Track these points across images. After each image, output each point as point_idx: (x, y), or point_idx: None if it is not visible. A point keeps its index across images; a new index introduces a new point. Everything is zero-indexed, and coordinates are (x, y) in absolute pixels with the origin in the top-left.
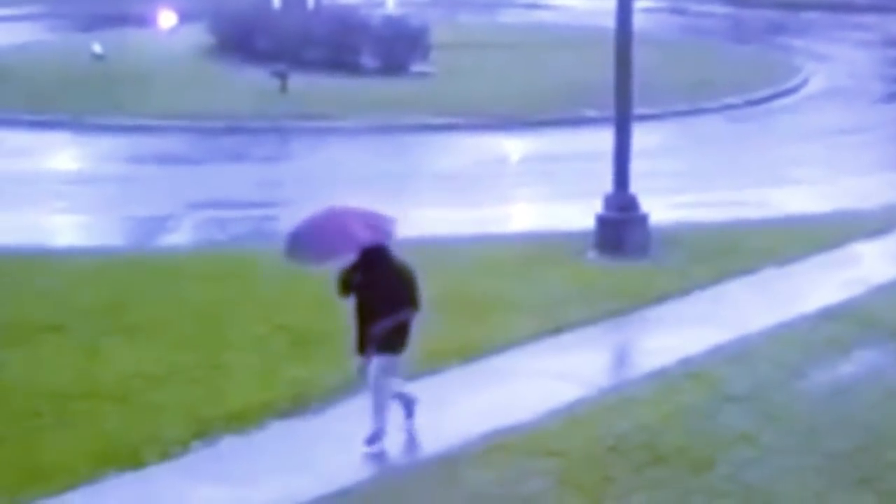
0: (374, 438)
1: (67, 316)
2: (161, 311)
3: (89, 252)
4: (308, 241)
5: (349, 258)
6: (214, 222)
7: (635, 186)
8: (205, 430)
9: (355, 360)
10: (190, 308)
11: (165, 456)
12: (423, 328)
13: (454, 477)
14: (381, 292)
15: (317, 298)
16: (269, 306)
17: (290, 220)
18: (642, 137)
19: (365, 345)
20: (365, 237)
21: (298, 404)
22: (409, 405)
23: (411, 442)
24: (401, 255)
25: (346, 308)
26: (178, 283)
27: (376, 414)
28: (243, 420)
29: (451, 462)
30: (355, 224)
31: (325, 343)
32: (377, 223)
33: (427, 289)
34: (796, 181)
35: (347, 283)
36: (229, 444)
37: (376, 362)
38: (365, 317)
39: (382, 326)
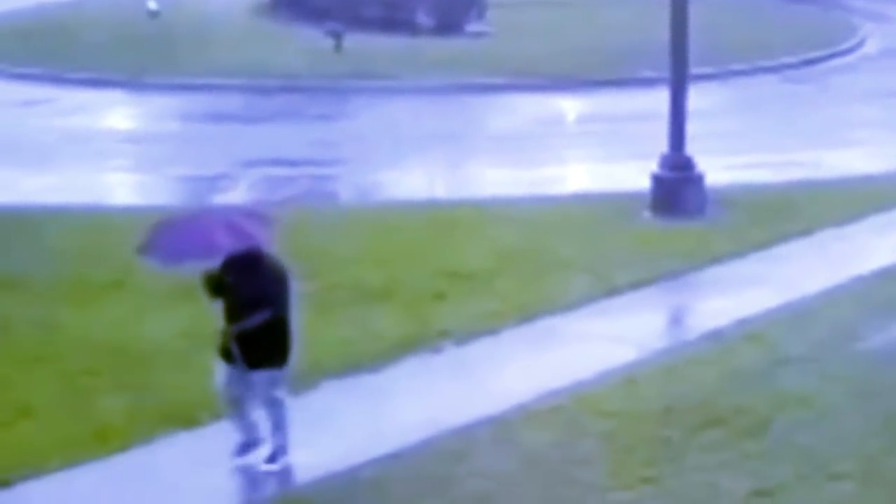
0: (275, 456)
1: (125, 274)
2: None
3: (145, 210)
4: (163, 242)
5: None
6: (269, 181)
7: (691, 147)
8: None
9: (218, 369)
10: None
11: (220, 415)
12: (479, 289)
13: (509, 438)
14: (245, 295)
15: (373, 257)
16: (321, 264)
17: (345, 179)
18: (698, 97)
19: (228, 350)
20: (225, 244)
21: (352, 364)
22: (281, 444)
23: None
24: (278, 256)
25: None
26: None
27: (276, 431)
28: (297, 380)
29: (506, 423)
30: (218, 230)
31: (381, 301)
32: (243, 229)
33: (484, 249)
34: (852, 142)
35: (212, 286)
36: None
37: (259, 379)
38: (228, 321)
39: (240, 326)
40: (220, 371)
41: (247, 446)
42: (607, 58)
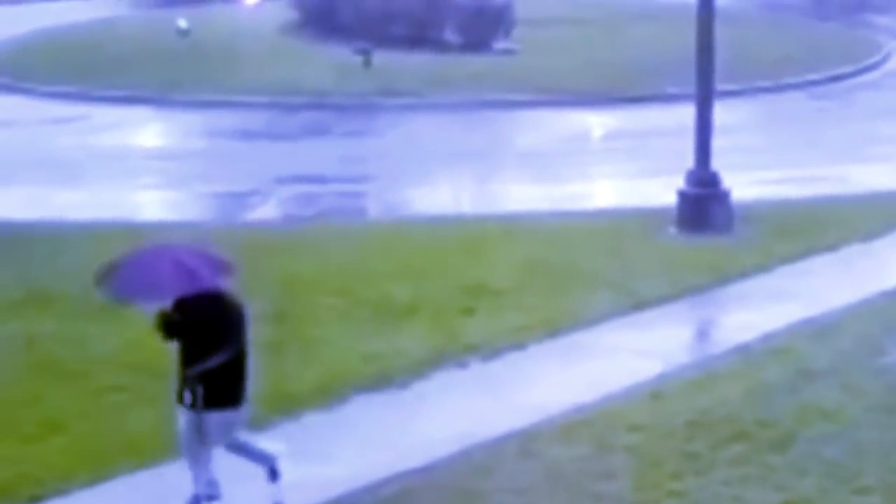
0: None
1: None
2: (245, 286)
3: (176, 227)
4: (116, 278)
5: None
6: (299, 198)
7: (717, 162)
8: (287, 405)
9: (178, 414)
10: (274, 282)
11: (248, 430)
12: (506, 304)
13: (535, 452)
14: (201, 336)
15: (401, 272)
16: (352, 280)
17: (373, 195)
18: (724, 114)
19: (184, 393)
20: (171, 286)
21: (381, 379)
22: (271, 466)
23: None
24: (234, 293)
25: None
26: (263, 257)
27: (260, 460)
28: (325, 394)
29: (533, 437)
30: (165, 270)
31: (409, 317)
32: (193, 270)
33: (511, 265)
34: (878, 158)
35: (165, 327)
36: (311, 418)
37: (216, 422)
38: (184, 362)
39: (196, 370)
40: (179, 416)
41: (197, 500)
42: (633, 74)
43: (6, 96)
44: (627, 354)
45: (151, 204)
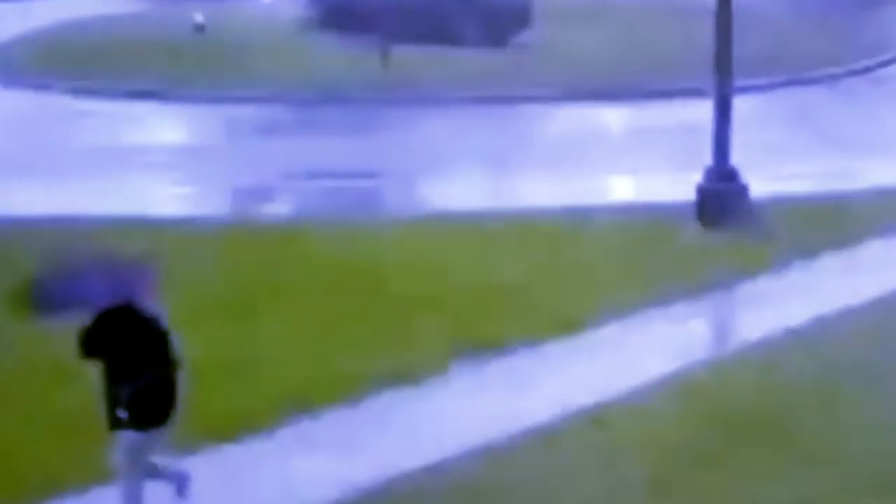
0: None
1: (168, 287)
2: (263, 283)
3: (190, 222)
4: (46, 289)
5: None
6: (315, 193)
7: (736, 158)
8: (304, 402)
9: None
10: (293, 278)
11: (265, 428)
12: (526, 300)
13: (555, 450)
14: (124, 354)
15: (419, 268)
16: (370, 278)
17: (390, 190)
18: (742, 108)
19: (115, 415)
20: (97, 297)
21: (400, 375)
22: (180, 483)
23: None
24: (156, 308)
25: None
26: (281, 253)
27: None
28: (343, 390)
29: (552, 435)
30: (92, 281)
31: (428, 313)
32: (120, 282)
33: (529, 261)
34: None
35: (85, 344)
36: (329, 414)
37: (125, 440)
38: (110, 383)
39: (126, 391)
40: (114, 440)
41: None
42: (652, 69)
43: (21, 91)
44: (646, 350)
45: (167, 199)
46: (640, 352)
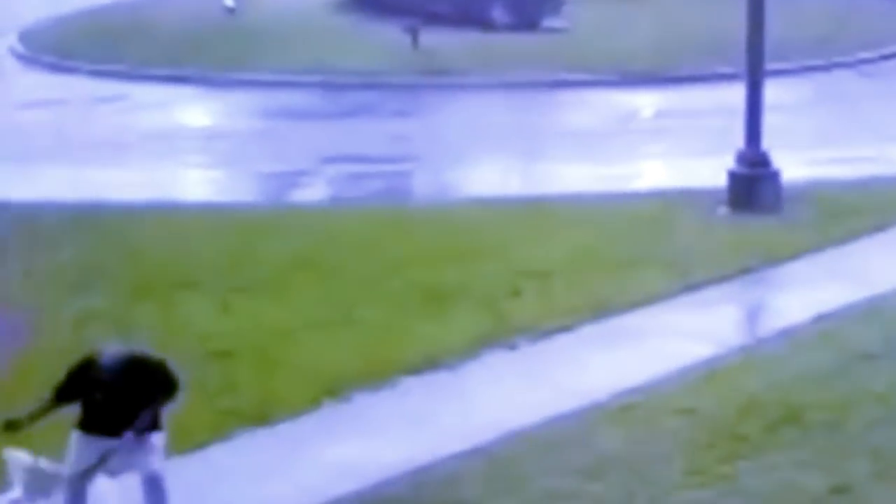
0: None
1: (200, 272)
2: (294, 267)
3: (222, 207)
4: None
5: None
6: (348, 177)
7: (767, 142)
8: (336, 387)
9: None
10: (323, 263)
11: (296, 413)
12: (555, 285)
13: (585, 435)
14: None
15: (449, 254)
16: (403, 262)
17: (421, 175)
18: (774, 93)
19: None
20: None
21: (430, 361)
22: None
23: None
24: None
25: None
26: (311, 238)
27: None
28: (374, 377)
29: (582, 420)
30: None
31: (457, 298)
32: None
33: (559, 246)
34: None
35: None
36: (360, 401)
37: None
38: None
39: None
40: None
41: None
42: (683, 53)
43: (53, 75)
44: (678, 336)
45: (198, 184)
46: (671, 337)
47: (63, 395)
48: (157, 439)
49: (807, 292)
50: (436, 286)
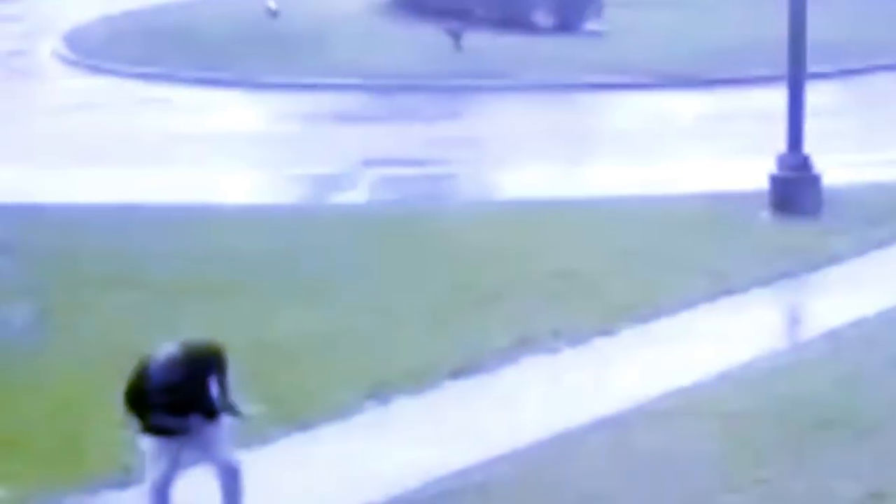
0: None
1: (242, 274)
2: (336, 270)
3: (264, 210)
4: None
5: None
6: (388, 180)
7: (808, 146)
8: (377, 390)
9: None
10: (365, 266)
11: (337, 416)
12: (596, 289)
13: (622, 438)
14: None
15: (490, 256)
16: (444, 265)
17: (462, 178)
18: (815, 96)
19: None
20: None
21: (470, 364)
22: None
23: None
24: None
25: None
26: (354, 241)
27: None
28: (416, 380)
29: (620, 423)
30: None
31: (498, 301)
32: None
33: (599, 249)
34: None
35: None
36: (402, 403)
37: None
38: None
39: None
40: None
41: None
42: (724, 56)
43: (95, 77)
44: (717, 340)
45: (239, 186)
46: (710, 341)
47: (144, 424)
48: (226, 424)
49: (847, 297)
50: (476, 288)
